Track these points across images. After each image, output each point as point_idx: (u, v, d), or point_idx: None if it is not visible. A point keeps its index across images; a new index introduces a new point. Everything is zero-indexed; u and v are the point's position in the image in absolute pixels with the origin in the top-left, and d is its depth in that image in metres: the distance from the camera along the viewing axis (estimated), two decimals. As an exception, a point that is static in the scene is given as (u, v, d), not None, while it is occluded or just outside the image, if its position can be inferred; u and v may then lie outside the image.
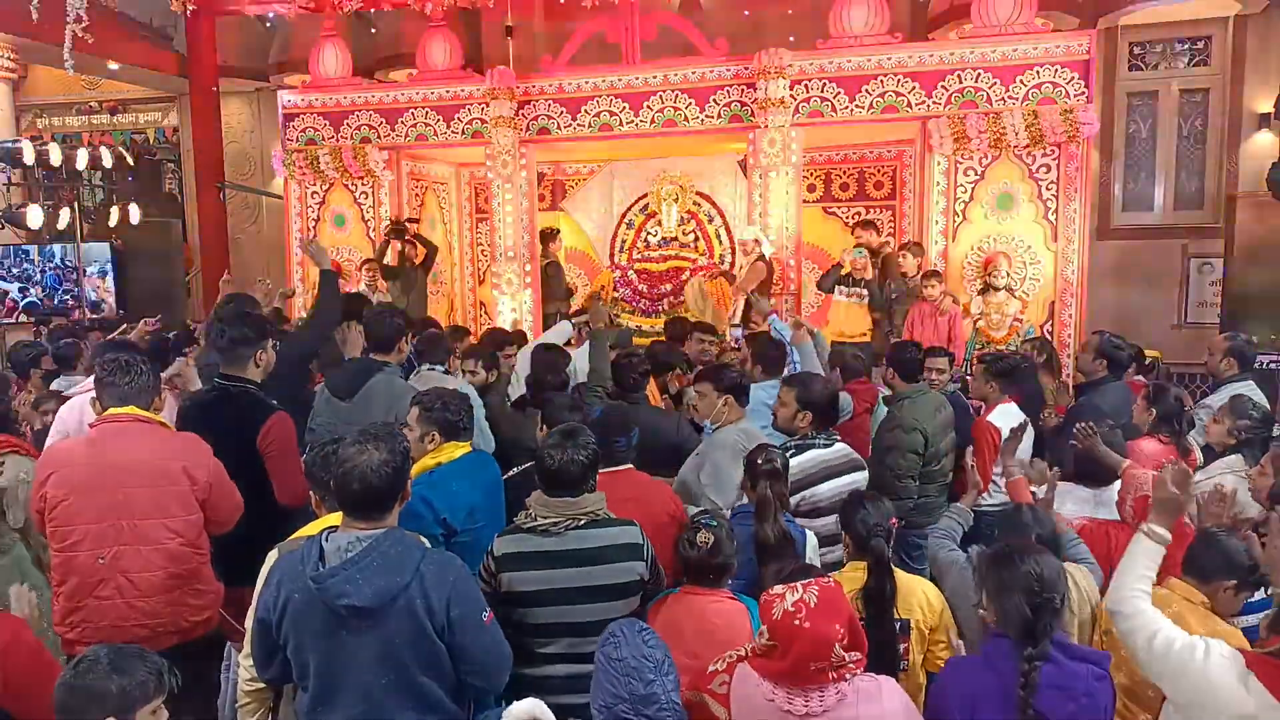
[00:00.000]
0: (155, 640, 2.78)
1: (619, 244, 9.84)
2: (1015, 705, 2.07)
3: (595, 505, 2.67)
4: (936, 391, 4.48)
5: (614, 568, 2.62)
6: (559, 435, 2.69)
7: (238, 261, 10.79)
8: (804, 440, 3.59)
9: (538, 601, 2.59)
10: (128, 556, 2.81)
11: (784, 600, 2.04)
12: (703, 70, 7.78)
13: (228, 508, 3.03)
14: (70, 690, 1.91)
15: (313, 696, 2.09)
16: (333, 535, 2.08)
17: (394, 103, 8.65)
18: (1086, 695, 2.10)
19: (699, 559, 2.60)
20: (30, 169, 8.52)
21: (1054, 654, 2.11)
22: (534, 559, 2.59)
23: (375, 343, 3.87)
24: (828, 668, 2.00)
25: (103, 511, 2.81)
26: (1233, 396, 3.93)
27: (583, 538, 2.61)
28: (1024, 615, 2.11)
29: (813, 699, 2.01)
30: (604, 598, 2.61)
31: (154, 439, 2.93)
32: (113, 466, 2.84)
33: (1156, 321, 9.17)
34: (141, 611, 2.83)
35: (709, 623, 2.55)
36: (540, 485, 2.69)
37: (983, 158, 7.27)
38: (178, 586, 2.88)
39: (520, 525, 2.66)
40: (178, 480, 2.88)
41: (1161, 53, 9.26)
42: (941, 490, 4.29)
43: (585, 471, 2.64)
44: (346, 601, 1.99)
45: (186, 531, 2.89)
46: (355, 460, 2.07)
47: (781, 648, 2.04)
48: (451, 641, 2.08)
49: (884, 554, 2.73)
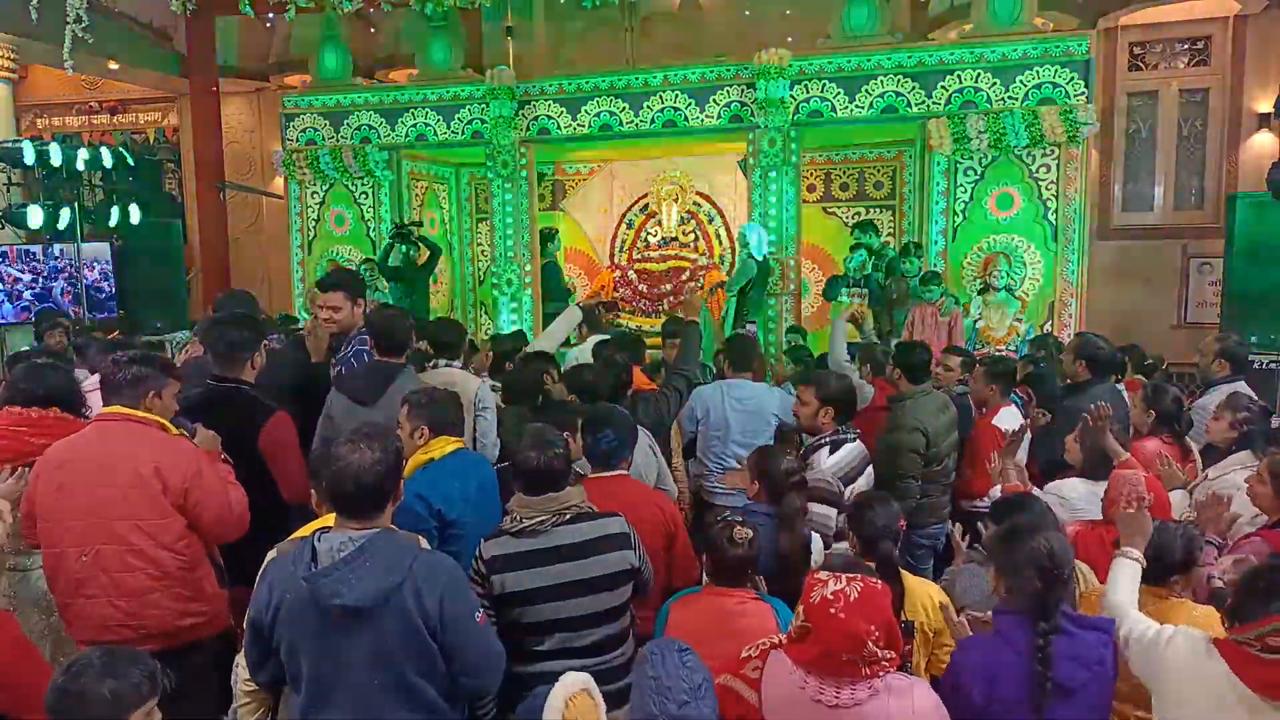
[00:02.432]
0: (141, 643, 2.69)
1: (619, 244, 9.84)
2: (1031, 677, 2.12)
3: (578, 499, 2.68)
4: (939, 392, 4.47)
5: (605, 559, 2.63)
6: (532, 437, 2.70)
7: (237, 261, 10.79)
8: (836, 436, 3.63)
9: (532, 600, 2.59)
10: (107, 555, 2.78)
11: (826, 586, 2.05)
12: (703, 70, 7.78)
13: (213, 515, 2.92)
14: (63, 694, 1.89)
15: (306, 698, 2.08)
16: (325, 535, 2.07)
17: (394, 103, 8.66)
18: (1099, 663, 2.18)
19: (738, 557, 2.58)
20: (30, 169, 8.51)
21: (1065, 625, 2.17)
22: (523, 559, 2.59)
23: (388, 344, 3.73)
24: (859, 661, 2.00)
25: (81, 510, 2.79)
26: (1230, 394, 3.93)
27: (570, 533, 2.62)
28: (1035, 589, 2.18)
29: (844, 690, 2.01)
30: (597, 589, 2.61)
31: (132, 439, 2.85)
32: (88, 465, 2.81)
33: (1156, 321, 9.16)
34: (124, 612, 2.78)
35: (734, 623, 2.53)
36: (518, 487, 2.68)
37: (983, 158, 7.27)
38: (160, 589, 2.81)
39: (506, 529, 2.65)
40: (148, 483, 2.80)
41: (1161, 53, 9.26)
42: (944, 491, 4.28)
43: (566, 466, 2.68)
44: (339, 602, 1.98)
45: (161, 535, 2.81)
46: (348, 459, 2.05)
47: (814, 633, 2.04)
48: (444, 641, 2.07)
49: (891, 556, 2.74)
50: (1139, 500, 2.71)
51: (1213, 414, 3.89)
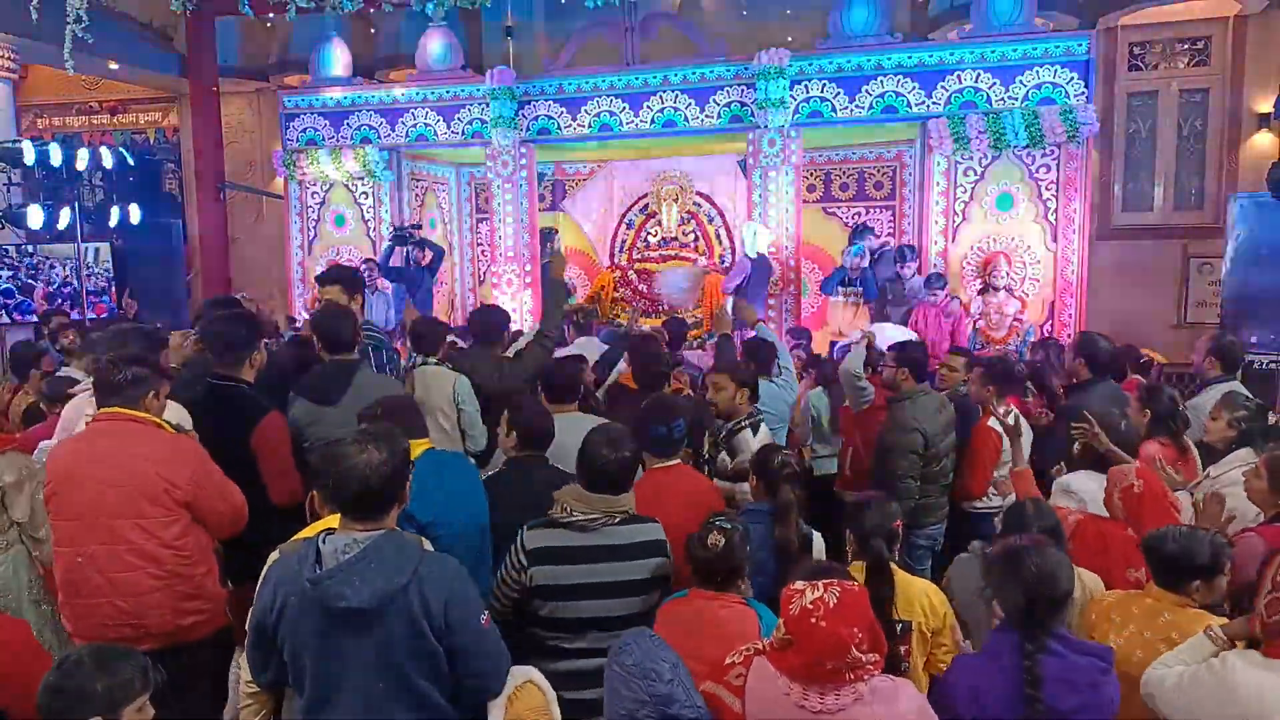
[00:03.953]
0: (141, 642, 2.74)
1: (619, 244, 9.84)
2: (1021, 698, 2.09)
3: (630, 503, 2.72)
4: (937, 392, 4.47)
5: (643, 564, 2.67)
6: (605, 435, 2.71)
7: (238, 261, 10.79)
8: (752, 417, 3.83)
9: (569, 595, 2.60)
10: (103, 556, 2.79)
11: (803, 597, 2.03)
12: (703, 70, 7.78)
13: (221, 512, 2.97)
14: (55, 692, 1.90)
15: (309, 700, 2.07)
16: (330, 537, 2.06)
17: (394, 103, 8.66)
18: (1090, 687, 2.12)
19: (709, 561, 2.58)
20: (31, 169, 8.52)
21: (1057, 647, 2.13)
22: (568, 553, 2.61)
23: (337, 342, 3.72)
24: (843, 668, 1.99)
25: (79, 509, 2.80)
26: (1226, 393, 3.93)
27: (615, 534, 2.65)
28: (1020, 608, 2.16)
29: (828, 697, 2.00)
30: (631, 593, 2.65)
31: (135, 438, 2.88)
32: (89, 464, 2.83)
33: (1156, 321, 9.16)
34: (123, 611, 2.80)
35: (719, 627, 2.53)
36: (581, 481, 2.70)
37: (983, 158, 7.27)
38: (161, 589, 2.83)
39: (556, 520, 2.66)
40: (151, 481, 2.82)
41: (1161, 53, 9.25)
42: (943, 490, 4.28)
43: (632, 471, 2.72)
44: (344, 604, 1.97)
45: (163, 533, 2.83)
46: (354, 460, 2.04)
47: (797, 644, 2.04)
48: (450, 644, 2.05)
49: (881, 555, 2.73)
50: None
51: (1209, 414, 3.90)
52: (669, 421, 3.15)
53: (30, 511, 3.40)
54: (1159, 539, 2.58)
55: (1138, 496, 3.11)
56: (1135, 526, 3.09)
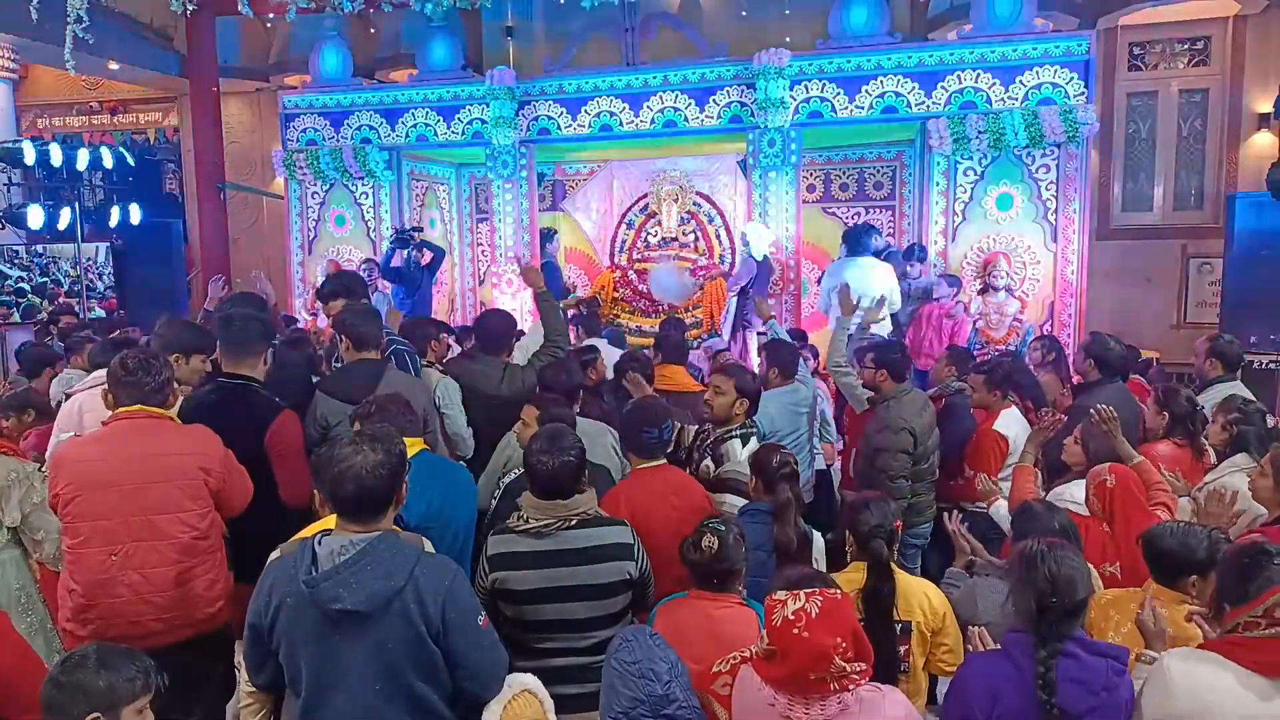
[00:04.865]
0: (169, 634, 2.82)
1: (619, 244, 9.84)
2: (1035, 698, 2.06)
3: (587, 505, 2.69)
4: (918, 391, 4.45)
5: (604, 567, 2.64)
6: (546, 439, 2.69)
7: (238, 261, 10.79)
8: (745, 429, 3.72)
9: (530, 600, 2.61)
10: (141, 553, 2.81)
11: (785, 607, 2.02)
12: (702, 70, 7.78)
13: (240, 493, 3.06)
14: (58, 687, 1.91)
15: (305, 702, 2.06)
16: (326, 539, 2.05)
17: (394, 103, 8.66)
18: (1106, 690, 2.09)
19: (703, 563, 2.57)
20: (31, 169, 8.53)
21: (1074, 649, 2.10)
22: (526, 559, 2.61)
23: (363, 342, 3.75)
24: (828, 678, 1.98)
25: (114, 508, 2.81)
26: (1226, 396, 3.91)
27: (574, 538, 2.63)
28: (1032, 613, 2.12)
29: (814, 707, 1.98)
30: (592, 596, 2.63)
31: (167, 434, 2.95)
32: (126, 462, 2.84)
33: (1156, 321, 9.17)
34: (156, 606, 2.83)
35: (716, 628, 2.53)
36: (531, 488, 2.70)
37: (982, 158, 7.27)
38: (190, 579, 2.88)
39: (512, 527, 2.67)
40: (192, 475, 2.89)
41: (1161, 53, 9.26)
42: (930, 488, 4.28)
43: (576, 473, 2.67)
44: (340, 605, 1.96)
45: (199, 523, 2.91)
46: (350, 461, 2.04)
47: (781, 655, 2.02)
48: (446, 645, 2.05)
49: (882, 555, 2.72)
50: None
51: (1210, 416, 3.89)
52: (659, 424, 3.19)
53: (22, 515, 3.39)
54: (1156, 535, 2.58)
55: (1110, 491, 3.12)
56: (1109, 521, 3.11)
